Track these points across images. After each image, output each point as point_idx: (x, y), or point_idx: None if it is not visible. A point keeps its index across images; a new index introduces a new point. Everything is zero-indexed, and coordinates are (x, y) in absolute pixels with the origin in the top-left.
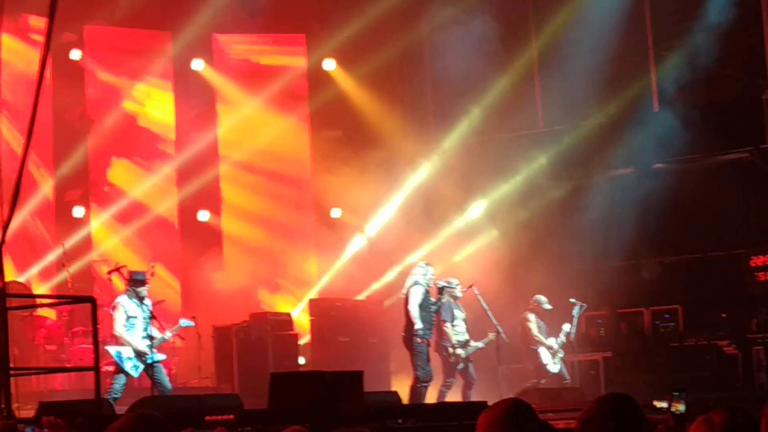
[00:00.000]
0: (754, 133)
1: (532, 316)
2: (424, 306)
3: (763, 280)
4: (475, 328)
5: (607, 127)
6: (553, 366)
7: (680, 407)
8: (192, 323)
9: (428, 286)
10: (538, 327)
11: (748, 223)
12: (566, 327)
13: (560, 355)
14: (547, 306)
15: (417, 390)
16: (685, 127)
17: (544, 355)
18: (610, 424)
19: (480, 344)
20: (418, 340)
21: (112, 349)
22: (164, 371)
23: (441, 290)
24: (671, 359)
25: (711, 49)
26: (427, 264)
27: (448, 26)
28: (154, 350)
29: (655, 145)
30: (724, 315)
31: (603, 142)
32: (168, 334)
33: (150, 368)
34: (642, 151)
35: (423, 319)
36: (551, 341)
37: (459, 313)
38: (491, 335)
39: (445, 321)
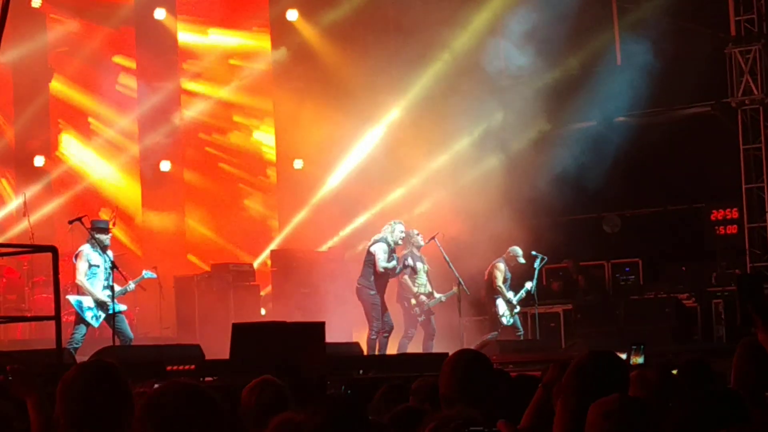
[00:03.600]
0: (717, 87)
1: (501, 265)
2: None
3: (722, 234)
4: (439, 281)
5: (570, 80)
6: (508, 318)
7: (639, 359)
8: (154, 275)
9: (394, 244)
10: (504, 278)
11: (709, 177)
12: (528, 285)
13: (517, 310)
14: (522, 260)
15: (373, 342)
16: (647, 81)
17: (501, 306)
18: (595, 378)
19: (442, 297)
20: (371, 292)
21: (72, 299)
22: (126, 321)
23: (405, 254)
24: (631, 312)
25: (675, 2)
26: (398, 222)
27: None
28: (116, 300)
29: (617, 99)
30: (684, 268)
31: (566, 94)
32: (131, 285)
33: (111, 318)
34: (604, 104)
35: (382, 276)
36: (510, 294)
37: (421, 265)
38: (455, 289)
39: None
